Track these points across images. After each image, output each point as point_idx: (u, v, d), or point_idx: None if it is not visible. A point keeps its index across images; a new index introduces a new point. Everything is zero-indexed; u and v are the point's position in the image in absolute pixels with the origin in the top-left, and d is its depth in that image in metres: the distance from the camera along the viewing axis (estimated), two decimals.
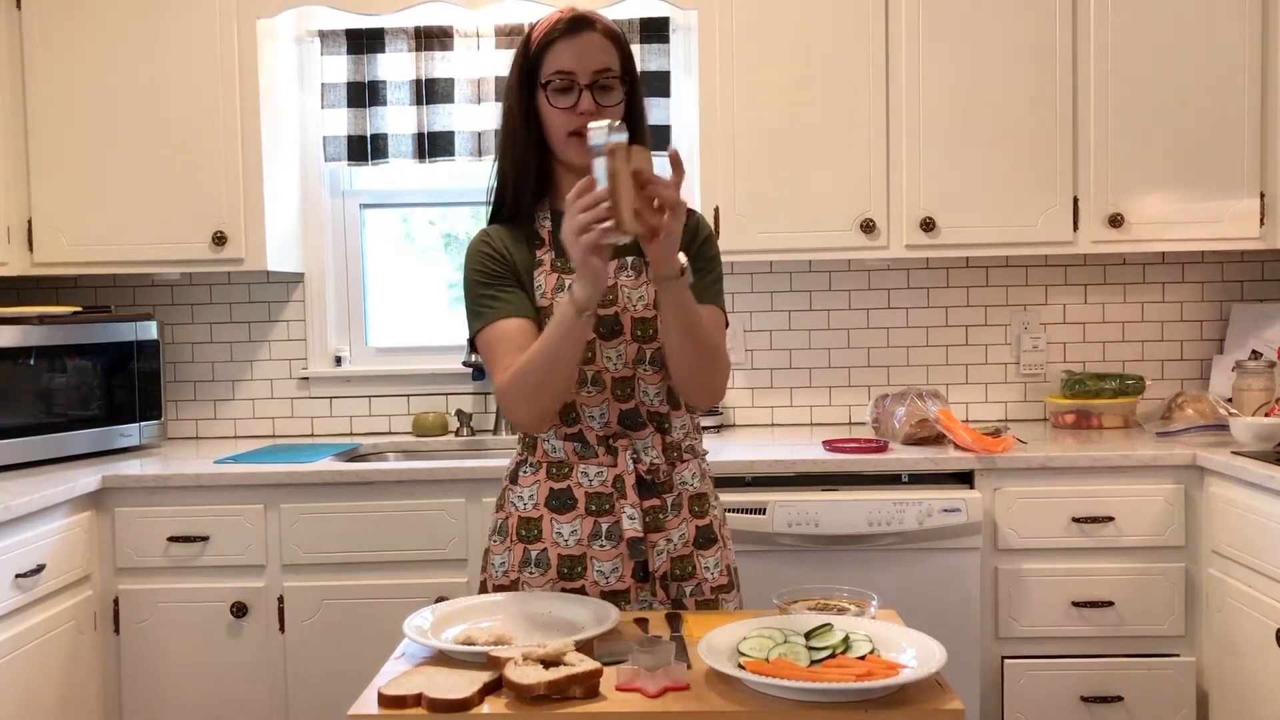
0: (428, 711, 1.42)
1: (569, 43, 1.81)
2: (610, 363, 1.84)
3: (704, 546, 1.92)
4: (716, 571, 1.93)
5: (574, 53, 1.80)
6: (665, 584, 1.88)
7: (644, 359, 1.85)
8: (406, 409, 3.58)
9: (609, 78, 1.82)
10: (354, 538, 2.88)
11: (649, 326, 1.84)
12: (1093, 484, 2.84)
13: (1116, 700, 2.83)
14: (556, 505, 1.89)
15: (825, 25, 3.13)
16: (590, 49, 1.81)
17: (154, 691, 2.88)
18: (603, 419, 1.87)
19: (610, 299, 1.84)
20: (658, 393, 1.87)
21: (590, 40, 1.81)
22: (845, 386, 3.56)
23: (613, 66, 1.82)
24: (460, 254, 3.71)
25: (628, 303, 1.84)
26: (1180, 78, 3.11)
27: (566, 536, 1.88)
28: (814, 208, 3.15)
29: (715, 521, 1.96)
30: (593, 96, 1.80)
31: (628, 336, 1.84)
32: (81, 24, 3.18)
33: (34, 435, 3.01)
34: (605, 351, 1.84)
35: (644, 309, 1.84)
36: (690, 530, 1.91)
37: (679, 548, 1.89)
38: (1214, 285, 3.52)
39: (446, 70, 3.46)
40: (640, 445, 1.87)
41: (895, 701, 1.41)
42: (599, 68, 1.81)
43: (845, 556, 2.79)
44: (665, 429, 1.89)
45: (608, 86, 1.82)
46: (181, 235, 3.20)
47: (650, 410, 1.87)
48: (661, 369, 1.85)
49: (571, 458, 1.88)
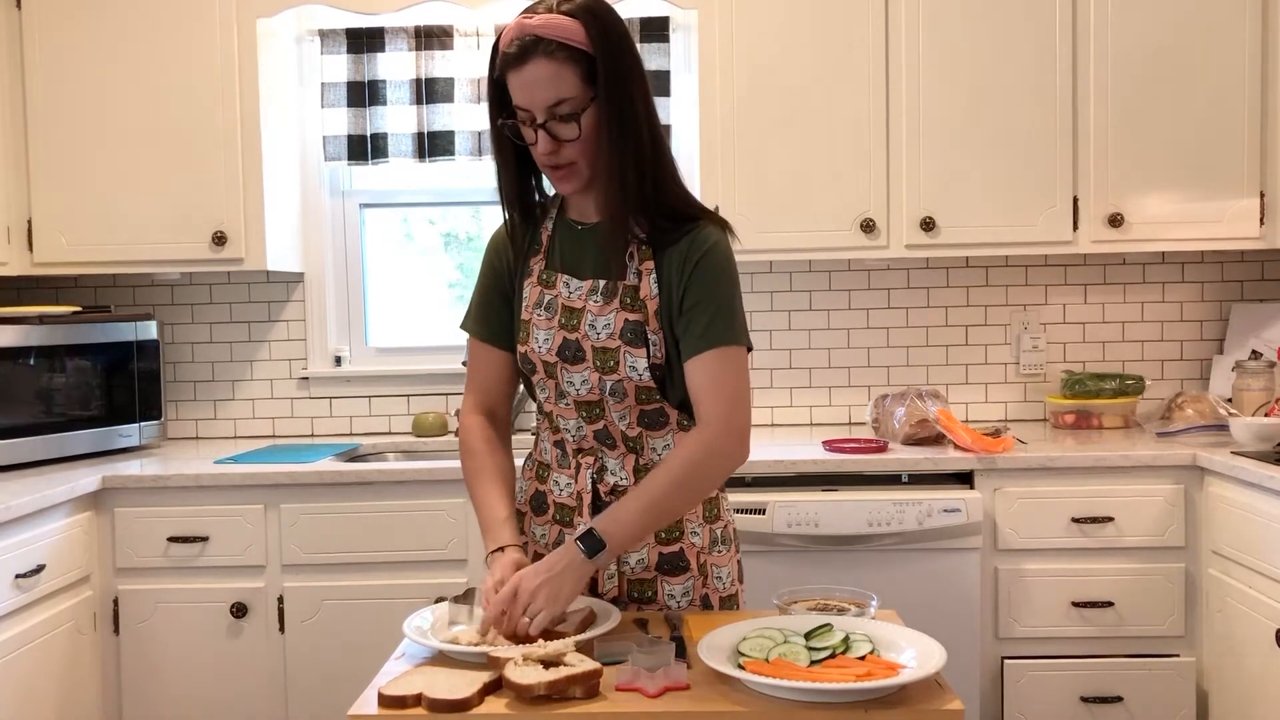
0: (428, 711, 1.42)
1: (518, 76, 1.65)
2: (573, 388, 1.76)
3: (671, 573, 1.80)
4: (684, 601, 1.80)
5: (524, 88, 1.65)
6: (620, 606, 1.79)
7: (605, 389, 1.73)
8: (406, 409, 3.58)
9: (565, 107, 1.65)
10: (354, 538, 2.88)
11: (610, 357, 1.72)
12: (1093, 484, 2.83)
13: (1116, 700, 2.83)
14: (535, 506, 1.89)
15: (825, 25, 3.13)
16: (538, 82, 1.64)
17: (154, 691, 2.88)
18: (578, 432, 1.80)
19: (574, 323, 1.74)
20: (623, 417, 1.76)
21: (537, 70, 1.63)
22: (845, 386, 3.55)
23: (566, 94, 1.64)
24: (460, 253, 3.72)
25: (590, 330, 1.73)
26: (1180, 78, 3.11)
27: (539, 538, 1.87)
28: (814, 208, 3.15)
29: (690, 550, 1.81)
30: (549, 133, 1.67)
31: (590, 364, 1.73)
32: (81, 24, 3.18)
33: (34, 435, 3.01)
34: (569, 376, 1.75)
35: (607, 338, 1.72)
36: (652, 556, 1.79)
37: (636, 571, 1.79)
38: (1214, 285, 3.52)
39: (446, 70, 3.46)
40: (610, 464, 1.79)
41: (895, 702, 1.41)
42: (550, 102, 1.65)
43: (845, 557, 2.79)
44: (639, 450, 1.79)
45: (565, 117, 1.66)
46: (181, 235, 3.20)
47: (622, 432, 1.78)
48: (626, 398, 1.73)
49: (553, 463, 1.87)
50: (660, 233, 1.73)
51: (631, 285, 1.73)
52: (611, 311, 1.73)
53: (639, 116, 1.69)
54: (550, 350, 1.76)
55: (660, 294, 1.73)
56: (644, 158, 1.70)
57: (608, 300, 1.73)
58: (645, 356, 1.71)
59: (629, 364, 1.72)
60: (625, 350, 1.72)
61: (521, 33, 1.65)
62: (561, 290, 1.77)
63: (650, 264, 1.73)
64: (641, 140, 1.69)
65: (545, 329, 1.77)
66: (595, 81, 1.66)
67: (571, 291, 1.76)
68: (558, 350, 1.75)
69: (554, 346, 1.76)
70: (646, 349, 1.72)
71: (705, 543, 1.83)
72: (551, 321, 1.76)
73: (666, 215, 1.74)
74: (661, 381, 1.74)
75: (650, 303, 1.73)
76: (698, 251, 1.72)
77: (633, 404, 1.74)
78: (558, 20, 1.64)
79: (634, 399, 1.74)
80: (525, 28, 1.64)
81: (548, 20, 1.64)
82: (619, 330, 1.72)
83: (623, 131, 1.67)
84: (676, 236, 1.73)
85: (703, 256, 1.72)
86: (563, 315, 1.75)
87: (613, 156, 1.68)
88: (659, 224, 1.73)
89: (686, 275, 1.71)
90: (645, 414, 1.76)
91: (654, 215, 1.73)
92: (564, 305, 1.76)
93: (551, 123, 1.66)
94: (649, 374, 1.72)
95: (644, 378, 1.72)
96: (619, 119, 1.67)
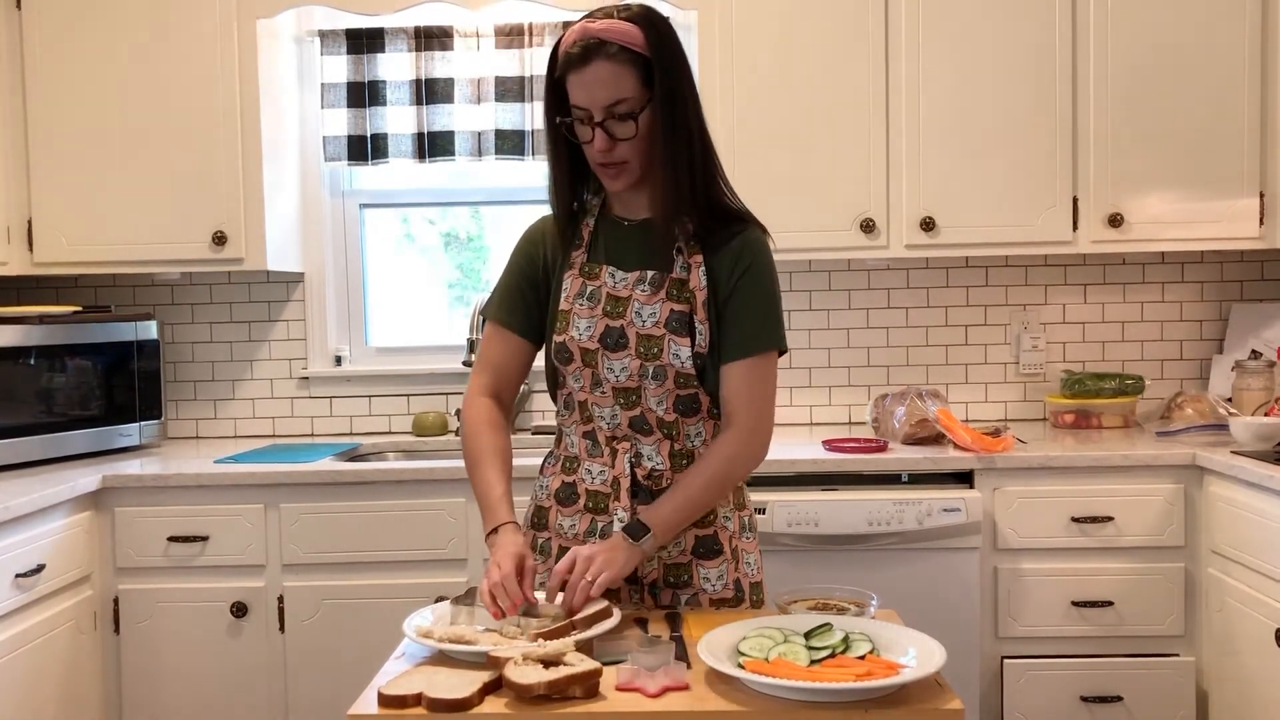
0: (428, 711, 1.42)
1: (579, 76, 1.75)
2: (613, 375, 1.83)
3: (706, 557, 1.87)
4: (720, 584, 1.87)
5: (584, 88, 1.75)
6: (655, 591, 1.87)
7: (648, 374, 1.82)
8: (406, 409, 3.58)
9: (623, 107, 1.75)
10: (354, 538, 2.88)
11: (655, 344, 1.81)
12: (1092, 484, 2.84)
13: (1116, 700, 2.83)
14: (563, 498, 1.91)
15: (825, 25, 3.13)
16: (600, 82, 1.74)
17: (154, 691, 2.88)
18: (613, 420, 1.86)
19: (619, 310, 1.82)
20: (660, 402, 1.83)
21: (599, 71, 1.74)
22: (845, 386, 3.56)
23: (625, 95, 1.74)
24: (460, 253, 3.72)
25: (636, 318, 1.82)
26: (1180, 78, 3.11)
27: (567, 530, 1.90)
28: (814, 208, 3.15)
29: (724, 533, 1.89)
30: (606, 132, 1.76)
31: (633, 351, 1.81)
32: (81, 24, 3.18)
33: (34, 435, 3.01)
34: (609, 363, 1.82)
35: (652, 326, 1.81)
36: (688, 539, 1.87)
37: (674, 555, 1.86)
38: (1214, 285, 3.52)
39: (446, 70, 3.46)
40: (646, 450, 1.86)
41: (895, 701, 1.41)
42: (609, 101, 1.75)
43: (845, 556, 2.79)
44: (674, 436, 1.86)
45: (623, 116, 1.76)
46: (181, 235, 3.20)
47: (658, 418, 1.85)
48: (665, 381, 1.82)
49: (583, 454, 1.90)
50: (708, 230, 1.84)
51: (679, 278, 1.82)
52: (658, 301, 1.82)
53: (690, 118, 1.80)
54: (592, 337, 1.83)
55: (708, 287, 1.82)
56: (695, 157, 1.81)
57: (655, 290, 1.82)
58: (689, 345, 1.80)
59: (673, 351, 1.80)
60: (670, 338, 1.80)
61: (585, 35, 1.75)
62: (606, 280, 1.85)
63: (699, 257, 1.83)
64: (693, 140, 1.80)
65: (587, 317, 1.84)
66: (652, 84, 1.76)
67: (617, 282, 1.84)
68: (599, 337, 1.82)
69: (596, 334, 1.83)
70: (691, 337, 1.80)
71: (736, 528, 1.92)
72: (594, 310, 1.84)
73: (713, 213, 1.85)
74: (701, 370, 1.82)
75: (699, 293, 1.81)
76: (749, 255, 1.84)
77: (671, 388, 1.82)
78: (619, 25, 1.75)
79: (673, 383, 1.82)
80: (589, 31, 1.75)
81: (610, 25, 1.75)
82: (664, 319, 1.81)
83: (675, 132, 1.78)
84: (727, 236, 1.84)
85: (754, 261, 1.84)
86: (607, 303, 1.83)
87: (667, 155, 1.78)
88: (706, 222, 1.84)
89: (737, 276, 1.83)
90: (681, 399, 1.84)
91: (702, 213, 1.83)
92: (609, 294, 1.84)
93: (609, 122, 1.76)
94: (691, 362, 1.81)
95: (686, 365, 1.81)
96: (672, 120, 1.77)
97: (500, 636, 1.62)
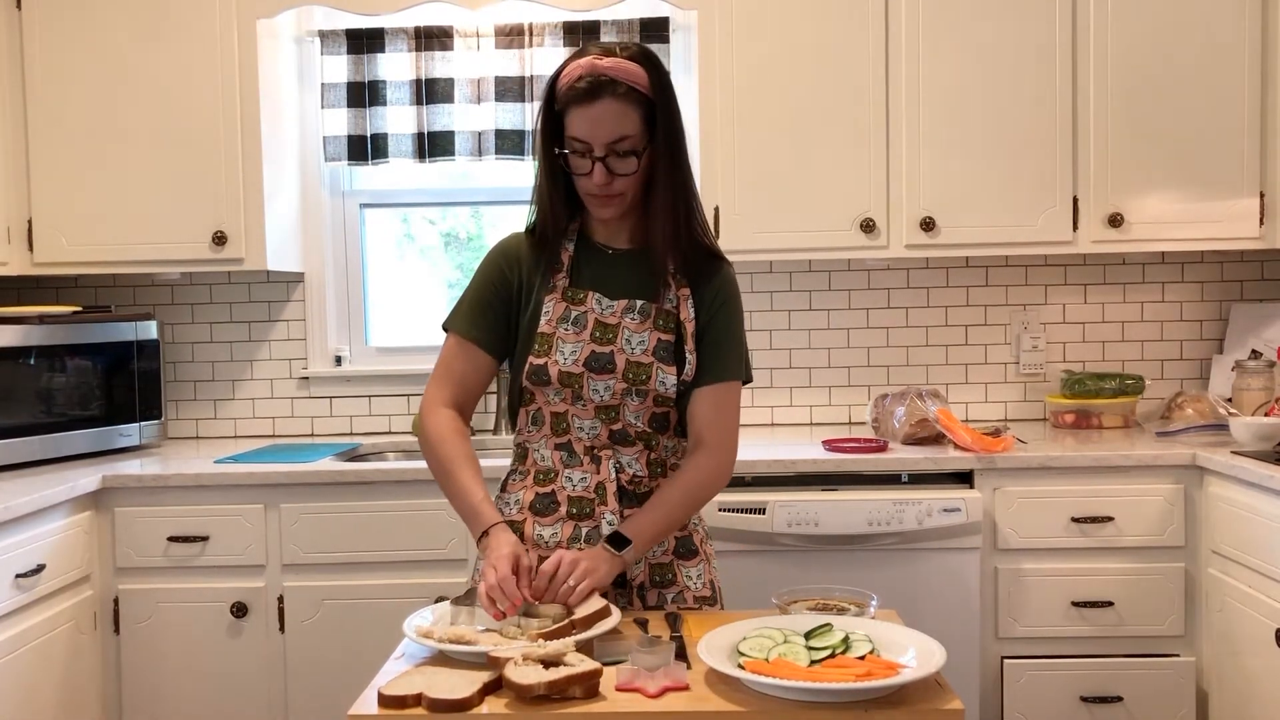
0: (428, 711, 1.42)
1: (585, 111, 1.78)
2: (597, 395, 1.87)
3: (685, 557, 1.94)
4: (700, 583, 1.94)
5: (589, 123, 1.79)
6: (643, 593, 1.90)
7: (630, 393, 1.87)
8: (406, 409, 3.58)
9: (625, 144, 1.80)
10: (354, 538, 2.88)
11: (643, 371, 1.86)
12: (1092, 484, 2.84)
13: (1116, 700, 2.83)
14: (540, 508, 1.92)
15: (825, 25, 3.13)
16: (605, 119, 1.78)
17: (154, 691, 2.88)
18: (592, 432, 1.90)
19: (609, 337, 1.86)
20: (639, 417, 1.89)
21: (606, 109, 1.78)
22: (845, 386, 3.56)
23: (629, 133, 1.79)
24: (460, 253, 3.72)
25: (626, 345, 1.86)
26: (1180, 78, 3.11)
27: (547, 539, 1.90)
28: (814, 208, 3.15)
29: (697, 536, 1.97)
30: (606, 167, 1.80)
31: (619, 376, 1.86)
32: (81, 24, 3.18)
33: (34, 435, 3.01)
34: (593, 384, 1.86)
35: (641, 354, 1.86)
36: (670, 540, 1.93)
37: (658, 556, 1.92)
38: (1214, 285, 3.52)
39: (446, 70, 3.46)
40: (625, 459, 1.90)
41: (895, 701, 1.41)
42: (613, 138, 1.79)
43: (845, 556, 2.79)
44: (652, 447, 1.92)
45: (624, 153, 1.80)
46: (181, 235, 3.20)
47: (638, 430, 1.90)
48: (645, 400, 1.87)
49: (558, 465, 1.92)
50: (691, 265, 1.90)
51: (668, 310, 1.89)
52: (646, 330, 1.87)
53: (684, 157, 1.88)
54: (576, 362, 1.86)
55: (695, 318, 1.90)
56: (689, 195, 1.89)
57: (644, 319, 1.88)
58: (676, 373, 1.87)
59: (659, 379, 1.86)
60: (659, 366, 1.86)
61: (594, 72, 1.79)
62: (594, 307, 1.89)
63: (687, 291, 1.90)
64: (688, 180, 1.89)
65: (573, 342, 1.87)
66: (652, 123, 1.82)
67: (604, 309, 1.89)
68: (585, 361, 1.86)
69: (581, 358, 1.86)
70: (679, 366, 1.87)
71: (704, 533, 2.03)
72: (581, 335, 1.87)
73: (695, 249, 1.91)
74: (682, 394, 1.89)
75: (688, 324, 1.89)
76: (726, 291, 1.92)
77: (650, 406, 1.88)
78: (626, 65, 1.80)
79: (651, 402, 1.88)
80: (597, 69, 1.79)
81: (618, 64, 1.80)
82: (652, 348, 1.87)
83: (674, 169, 1.85)
84: (710, 272, 1.92)
85: (730, 297, 1.92)
86: (595, 329, 1.88)
87: (667, 191, 1.85)
88: (689, 256, 1.90)
89: (715, 309, 1.91)
90: (656, 416, 1.90)
91: (685, 248, 1.89)
92: (597, 320, 1.88)
93: (611, 158, 1.81)
94: (675, 388, 1.87)
95: (670, 391, 1.87)
96: (672, 159, 1.85)
97: (500, 637, 1.62)
